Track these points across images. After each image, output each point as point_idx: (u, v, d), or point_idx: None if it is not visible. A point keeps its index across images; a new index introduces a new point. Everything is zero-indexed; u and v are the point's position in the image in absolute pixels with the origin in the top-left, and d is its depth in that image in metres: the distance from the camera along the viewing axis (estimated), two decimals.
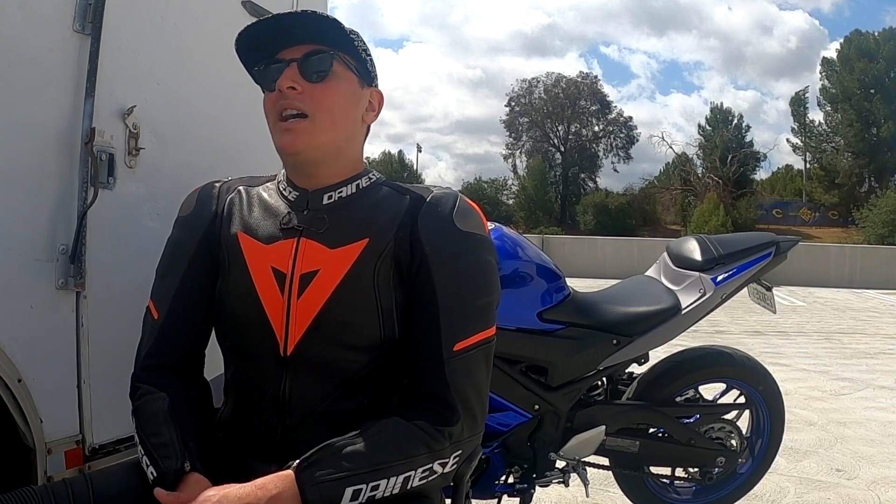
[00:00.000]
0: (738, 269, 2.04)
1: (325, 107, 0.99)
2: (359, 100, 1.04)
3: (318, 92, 0.99)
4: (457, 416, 0.94)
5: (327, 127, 0.99)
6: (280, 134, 0.99)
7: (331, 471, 0.87)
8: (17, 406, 1.08)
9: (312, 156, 1.00)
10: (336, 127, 1.01)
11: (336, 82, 1.00)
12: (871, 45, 36.41)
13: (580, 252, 16.04)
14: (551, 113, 43.87)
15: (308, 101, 0.98)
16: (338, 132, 1.01)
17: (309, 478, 0.86)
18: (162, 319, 1.05)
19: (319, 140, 0.99)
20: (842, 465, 2.95)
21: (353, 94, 1.03)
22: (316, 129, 0.98)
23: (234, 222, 1.05)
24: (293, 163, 1.03)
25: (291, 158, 1.02)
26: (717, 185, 37.23)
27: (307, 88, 0.98)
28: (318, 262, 0.98)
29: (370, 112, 1.07)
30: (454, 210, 1.01)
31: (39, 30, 1.13)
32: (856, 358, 5.78)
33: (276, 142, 1.01)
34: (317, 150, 1.00)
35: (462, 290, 0.98)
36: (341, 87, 1.01)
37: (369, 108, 1.07)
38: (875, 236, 28.75)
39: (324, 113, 0.99)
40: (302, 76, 0.98)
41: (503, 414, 1.75)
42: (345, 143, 1.04)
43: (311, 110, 0.98)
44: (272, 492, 0.85)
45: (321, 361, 0.98)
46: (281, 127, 0.99)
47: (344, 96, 1.01)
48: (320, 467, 0.87)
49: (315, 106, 0.98)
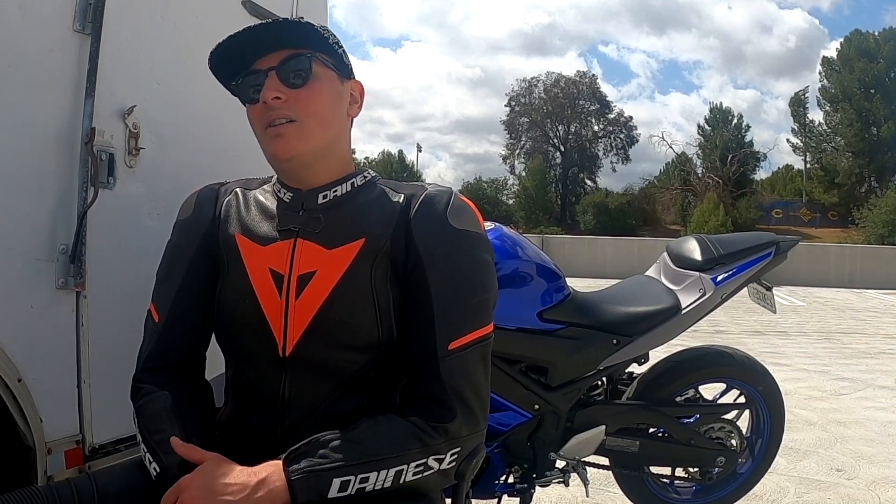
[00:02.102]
0: (738, 268, 2.05)
1: (312, 110, 0.99)
2: (341, 96, 1.04)
3: (303, 96, 0.98)
4: (453, 413, 0.94)
5: (317, 130, 0.99)
6: (271, 140, 0.99)
7: (319, 461, 0.88)
8: (17, 406, 1.08)
9: (305, 160, 1.01)
10: (325, 128, 1.01)
11: (318, 83, 1.00)
12: (871, 45, 36.42)
13: (580, 252, 16.05)
14: (551, 113, 43.87)
15: (294, 107, 0.98)
16: (327, 133, 1.01)
17: (297, 468, 0.87)
18: (163, 323, 1.05)
19: (310, 144, 0.99)
20: (842, 464, 2.95)
21: (336, 92, 1.03)
22: (306, 134, 0.98)
23: (231, 224, 1.05)
24: (285, 169, 1.03)
25: (284, 165, 1.02)
26: (717, 185, 37.23)
27: (290, 95, 0.98)
28: (315, 263, 0.98)
29: (353, 105, 1.07)
30: (448, 208, 1.00)
31: (39, 30, 1.13)
32: (856, 358, 5.78)
33: (268, 150, 1.00)
34: (308, 154, 1.00)
35: (456, 289, 0.98)
36: (323, 87, 1.01)
37: (352, 102, 1.07)
38: (875, 236, 28.74)
39: (311, 117, 0.99)
40: (282, 83, 0.98)
41: (503, 414, 1.75)
42: (334, 141, 1.04)
43: (299, 115, 0.98)
44: (261, 476, 0.86)
45: (320, 362, 0.98)
46: (270, 133, 0.98)
47: (327, 96, 1.01)
48: (308, 458, 0.88)
49: (302, 111, 0.98)
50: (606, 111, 44.58)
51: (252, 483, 0.86)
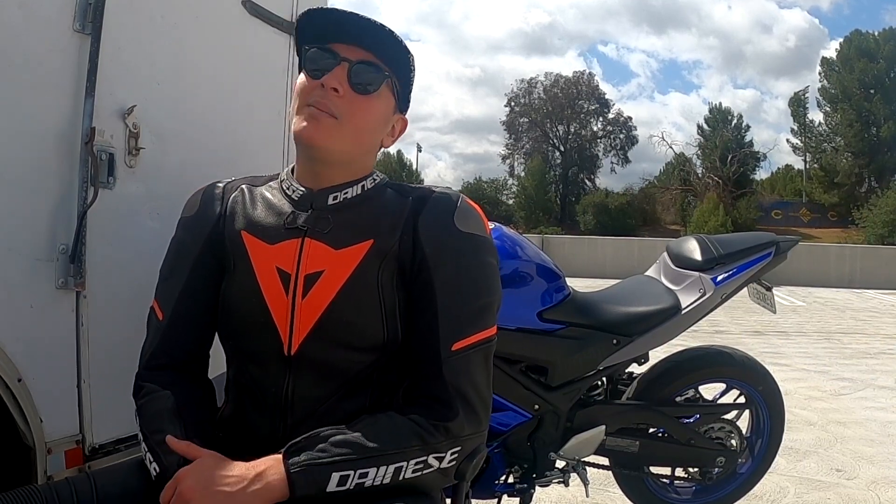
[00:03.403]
0: (738, 268, 2.05)
1: (358, 119, 0.99)
2: (388, 123, 1.05)
3: (358, 103, 0.98)
4: (454, 412, 0.94)
5: (350, 138, 0.99)
6: (303, 119, 0.97)
7: (318, 455, 0.88)
8: (17, 406, 1.08)
9: (324, 155, 1.00)
10: (358, 141, 1.01)
11: (377, 101, 1.00)
12: (871, 45, 36.44)
13: (580, 252, 16.05)
14: (551, 113, 43.88)
15: (344, 107, 0.97)
16: (357, 147, 1.01)
17: (296, 461, 0.87)
18: (166, 320, 1.05)
19: (337, 145, 0.99)
20: (842, 465, 2.95)
21: (385, 117, 1.03)
22: (339, 134, 0.98)
23: (237, 221, 1.04)
24: (306, 153, 1.02)
25: (305, 148, 1.01)
26: (717, 185, 37.24)
27: (349, 95, 0.97)
28: (322, 263, 0.98)
29: (390, 137, 1.08)
30: (455, 211, 1.01)
31: (39, 30, 1.13)
32: (856, 358, 5.78)
33: (296, 126, 0.99)
34: (331, 153, 0.99)
35: (461, 291, 0.98)
36: (380, 107, 1.01)
37: (391, 133, 1.07)
38: (875, 236, 28.75)
39: (353, 125, 0.98)
40: (349, 81, 0.97)
41: (503, 414, 1.75)
42: (359, 157, 1.04)
43: (343, 116, 0.97)
44: (259, 468, 0.87)
45: (324, 362, 0.98)
46: (307, 112, 0.97)
47: (377, 117, 1.02)
48: (308, 451, 0.88)
49: (348, 114, 0.97)
50: (606, 111, 44.66)
51: (250, 476, 0.86)
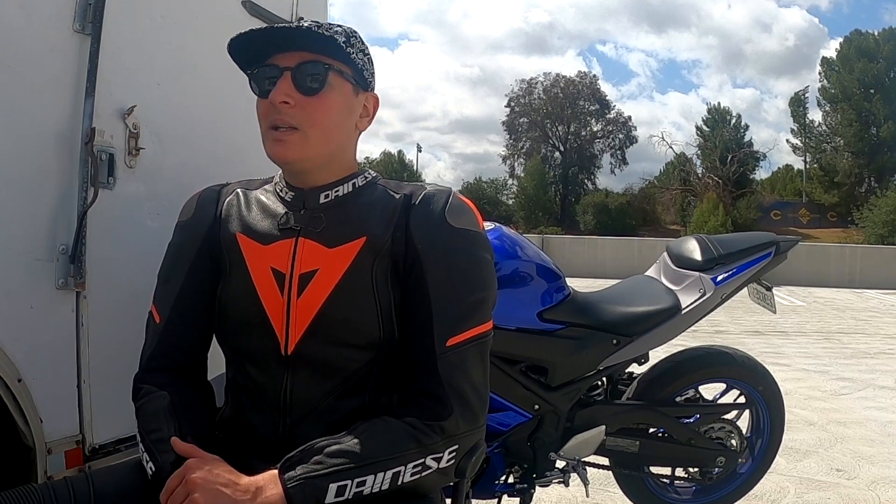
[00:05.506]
0: (738, 269, 2.05)
1: (318, 121, 0.98)
2: (353, 109, 1.04)
3: (311, 106, 0.98)
4: (449, 410, 0.94)
5: (319, 140, 0.99)
6: (271, 143, 0.99)
7: (314, 467, 0.88)
8: (17, 406, 1.08)
9: (303, 165, 1.01)
10: (328, 139, 1.01)
11: (330, 95, 0.99)
12: (870, 45, 36.42)
13: (580, 252, 16.05)
14: (551, 113, 43.87)
15: (300, 116, 0.97)
16: (329, 144, 1.01)
17: (292, 475, 0.87)
18: (164, 324, 1.06)
19: (310, 153, 0.99)
20: (842, 465, 2.95)
21: (347, 105, 1.03)
22: (307, 143, 0.98)
23: (232, 224, 1.05)
24: (285, 167, 1.05)
25: (283, 166, 1.04)
26: (717, 185, 37.21)
27: (300, 102, 0.97)
28: (316, 262, 0.98)
29: (364, 118, 1.07)
30: (446, 207, 1.01)
31: (39, 30, 1.13)
32: (856, 358, 5.78)
33: (267, 150, 1.01)
34: (308, 161, 1.01)
35: (454, 287, 0.98)
36: (335, 99, 1.00)
37: (363, 114, 1.06)
38: (875, 236, 28.73)
39: (315, 127, 0.98)
40: (295, 87, 0.97)
41: (503, 414, 1.75)
42: (337, 151, 1.04)
43: (303, 125, 0.98)
44: (259, 484, 0.86)
45: (322, 360, 0.98)
46: (272, 136, 0.99)
47: (337, 109, 1.01)
48: (303, 464, 0.88)
49: (307, 121, 0.98)
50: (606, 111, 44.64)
51: (251, 489, 0.86)
